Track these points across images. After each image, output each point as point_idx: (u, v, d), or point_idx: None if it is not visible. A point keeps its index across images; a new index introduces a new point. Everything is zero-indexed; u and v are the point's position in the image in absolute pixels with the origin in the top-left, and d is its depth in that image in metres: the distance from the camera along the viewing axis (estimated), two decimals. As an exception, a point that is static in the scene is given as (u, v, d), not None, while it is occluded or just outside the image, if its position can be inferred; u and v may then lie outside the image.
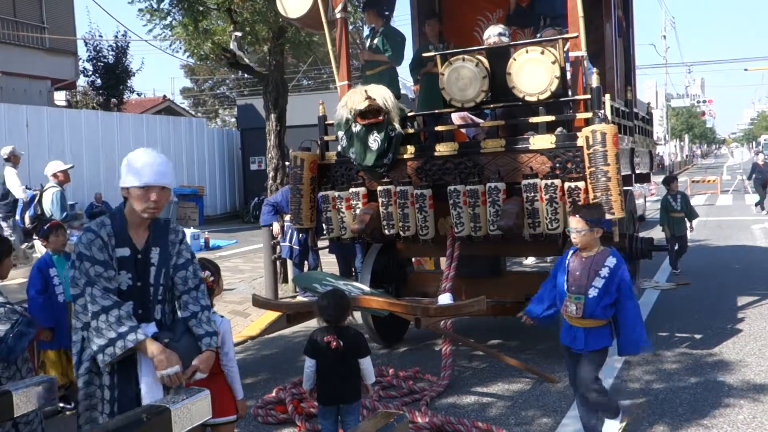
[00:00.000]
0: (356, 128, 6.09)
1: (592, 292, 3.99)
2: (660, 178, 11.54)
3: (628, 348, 4.13)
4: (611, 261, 4.01)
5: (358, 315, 6.22)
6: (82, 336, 3.02)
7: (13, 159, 10.50)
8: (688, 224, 10.18)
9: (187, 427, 2.23)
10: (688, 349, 6.31)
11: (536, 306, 4.40)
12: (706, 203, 22.11)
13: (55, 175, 8.26)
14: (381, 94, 5.99)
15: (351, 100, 6.09)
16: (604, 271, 3.99)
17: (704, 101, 59.99)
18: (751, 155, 40.26)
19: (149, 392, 2.99)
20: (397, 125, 6.02)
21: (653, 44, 68.20)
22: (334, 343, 3.91)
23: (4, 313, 3.41)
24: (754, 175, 20.08)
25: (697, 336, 6.69)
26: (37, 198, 8.40)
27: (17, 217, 8.65)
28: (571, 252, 4.17)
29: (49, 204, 8.18)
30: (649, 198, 21.21)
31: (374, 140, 6.06)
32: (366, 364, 4.05)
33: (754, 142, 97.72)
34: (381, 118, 5.98)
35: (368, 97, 5.96)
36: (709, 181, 28.04)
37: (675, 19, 51.25)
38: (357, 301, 5.56)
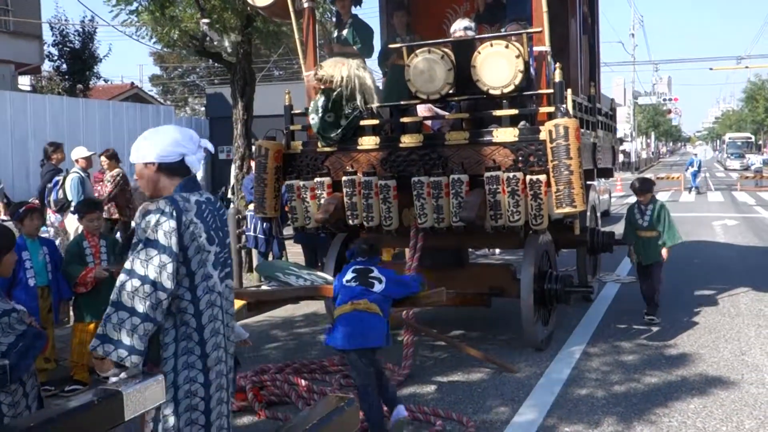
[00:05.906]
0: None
1: None
2: (626, 175, 11.41)
3: None
4: None
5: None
6: None
7: None
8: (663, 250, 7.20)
9: (140, 411, 2.24)
10: (645, 341, 6.44)
11: None
12: (670, 200, 22.46)
13: (77, 161, 8.63)
14: (335, 73, 6.09)
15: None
16: None
17: (670, 99, 60.94)
18: (715, 153, 40.93)
19: None
20: (355, 103, 6.12)
21: (621, 42, 68.99)
22: None
23: (8, 322, 2.83)
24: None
25: (655, 329, 6.83)
26: (60, 183, 8.59)
27: (45, 200, 8.84)
28: None
29: (68, 189, 8.44)
30: (615, 193, 21.53)
31: (320, 107, 6.16)
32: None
33: (718, 140, 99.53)
34: (325, 86, 6.09)
35: (320, 65, 6.07)
36: (673, 178, 28.45)
37: (644, 17, 52.00)
38: (320, 291, 5.59)
